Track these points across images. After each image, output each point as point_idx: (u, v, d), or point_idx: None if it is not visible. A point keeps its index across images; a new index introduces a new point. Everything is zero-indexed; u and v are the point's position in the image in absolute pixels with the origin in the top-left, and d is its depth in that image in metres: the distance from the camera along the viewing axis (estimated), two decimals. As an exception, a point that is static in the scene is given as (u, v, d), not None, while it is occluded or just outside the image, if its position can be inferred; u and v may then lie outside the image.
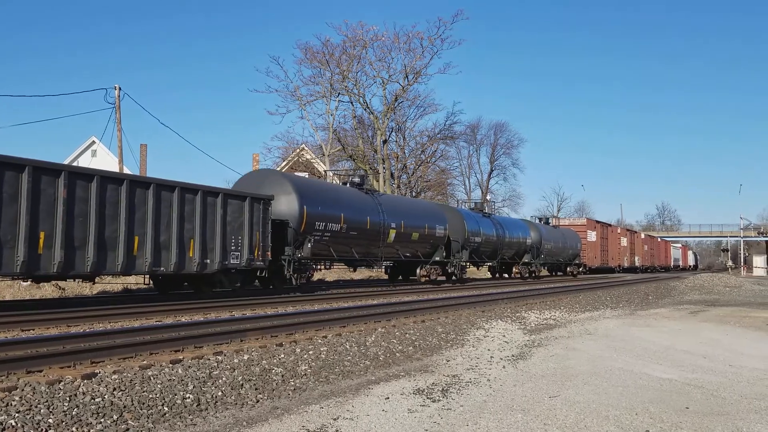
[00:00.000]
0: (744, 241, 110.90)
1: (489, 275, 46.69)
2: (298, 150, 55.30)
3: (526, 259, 40.71)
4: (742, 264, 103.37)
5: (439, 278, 32.56)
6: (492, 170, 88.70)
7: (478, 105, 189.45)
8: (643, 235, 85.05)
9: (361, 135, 54.75)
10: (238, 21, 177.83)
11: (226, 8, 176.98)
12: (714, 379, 9.21)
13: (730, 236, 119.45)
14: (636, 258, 75.91)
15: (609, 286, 34.59)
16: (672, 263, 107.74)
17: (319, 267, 26.64)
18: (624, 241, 70.38)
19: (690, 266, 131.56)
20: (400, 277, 32.59)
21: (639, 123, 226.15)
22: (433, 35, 50.74)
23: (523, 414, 6.96)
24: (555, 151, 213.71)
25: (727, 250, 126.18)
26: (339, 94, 50.99)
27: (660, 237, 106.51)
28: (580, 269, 53.38)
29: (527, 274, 41.49)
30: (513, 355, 10.91)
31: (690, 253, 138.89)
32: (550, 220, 50.49)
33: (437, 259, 31.54)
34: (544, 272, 54.70)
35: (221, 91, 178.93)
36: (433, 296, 22.62)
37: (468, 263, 35.73)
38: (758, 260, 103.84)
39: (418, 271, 31.00)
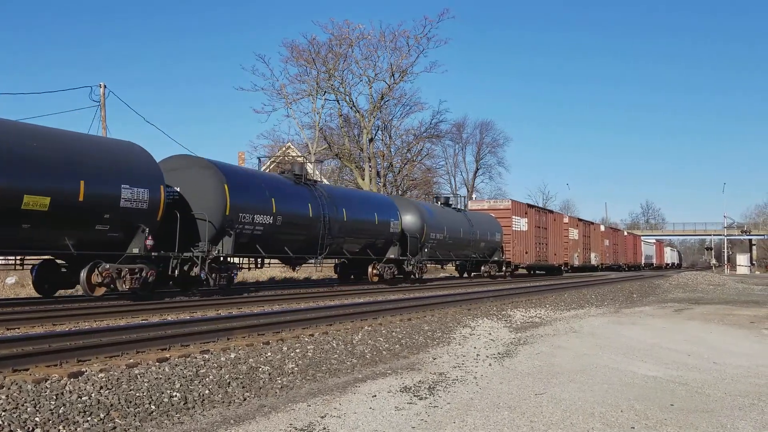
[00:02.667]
0: (727, 239, 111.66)
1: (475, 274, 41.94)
2: (284, 148, 55.17)
3: (391, 254, 29.06)
4: (725, 262, 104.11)
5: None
6: (478, 169, 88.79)
7: (463, 104, 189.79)
8: (603, 228, 71.45)
9: (348, 134, 54.73)
10: (223, 19, 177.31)
11: (211, 6, 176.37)
12: (698, 377, 9.29)
13: (714, 235, 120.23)
14: (592, 255, 62.68)
15: (594, 284, 34.75)
16: (643, 261, 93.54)
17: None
18: (574, 233, 56.39)
19: (667, 265, 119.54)
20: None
21: (624, 122, 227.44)
22: (419, 34, 50.75)
23: (510, 411, 7.00)
24: (540, 150, 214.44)
25: (711, 249, 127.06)
26: (325, 92, 50.95)
27: (625, 231, 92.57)
28: (504, 269, 41.07)
29: (390, 276, 29.18)
30: (499, 353, 10.96)
31: (669, 250, 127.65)
32: (452, 201, 38.16)
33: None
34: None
35: (207, 88, 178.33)
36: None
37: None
38: (741, 258, 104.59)
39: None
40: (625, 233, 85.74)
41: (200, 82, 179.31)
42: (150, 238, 17.07)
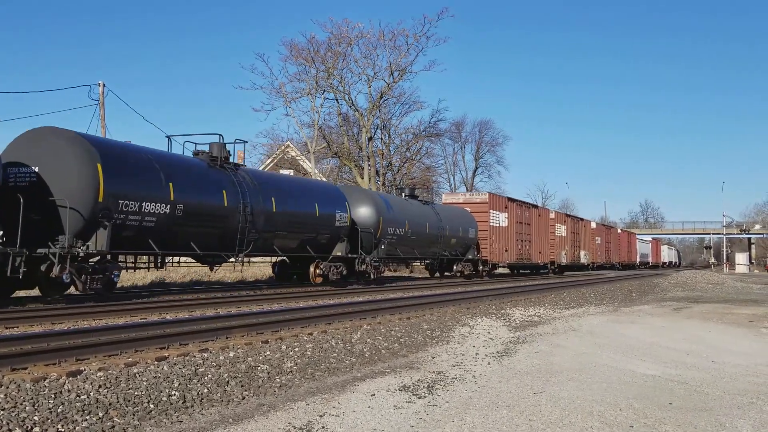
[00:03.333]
0: (726, 238, 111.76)
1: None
2: (283, 147, 55.13)
3: (338, 251, 25.41)
4: (724, 261, 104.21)
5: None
6: (477, 168, 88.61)
7: (463, 103, 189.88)
8: (593, 224, 66.63)
9: (347, 132, 54.65)
10: (223, 18, 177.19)
11: (211, 5, 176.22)
12: (697, 375, 9.29)
13: (713, 233, 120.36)
14: (582, 253, 58.53)
15: (593, 283, 34.76)
16: (638, 259, 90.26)
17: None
18: (561, 230, 52.25)
19: (664, 263, 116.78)
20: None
21: (624, 122, 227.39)
22: (418, 33, 50.60)
23: (508, 410, 7.00)
24: (539, 149, 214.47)
25: (710, 248, 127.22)
26: (324, 91, 50.85)
27: (619, 228, 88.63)
28: (480, 268, 37.38)
29: (336, 277, 25.31)
30: (498, 352, 10.96)
31: (666, 249, 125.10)
32: (417, 192, 35.58)
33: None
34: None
35: (206, 87, 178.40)
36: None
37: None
38: (740, 257, 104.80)
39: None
40: (619, 230, 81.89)
41: (199, 81, 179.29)
42: None
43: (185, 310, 15.18)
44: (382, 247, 27.47)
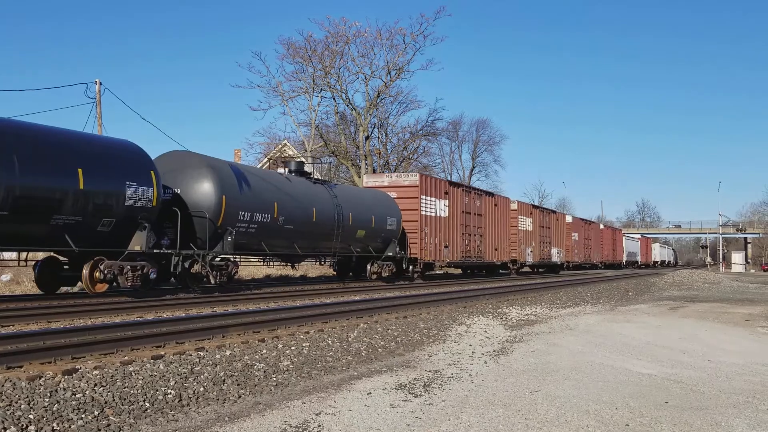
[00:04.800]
0: (723, 237, 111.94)
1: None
2: (280, 146, 55.08)
3: (135, 244, 17.51)
4: (720, 260, 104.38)
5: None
6: (474, 167, 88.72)
7: (460, 102, 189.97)
8: (569, 218, 59.34)
9: (344, 131, 54.61)
10: (220, 16, 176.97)
11: (208, 4, 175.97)
12: (693, 374, 9.30)
13: (709, 233, 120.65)
14: (554, 250, 51.46)
15: (590, 283, 34.76)
16: (625, 259, 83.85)
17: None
18: (526, 223, 44.92)
19: (656, 263, 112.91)
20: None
21: (621, 121, 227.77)
22: (415, 32, 50.55)
23: (505, 409, 7.00)
24: (536, 148, 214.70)
25: (706, 247, 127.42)
26: (321, 90, 50.81)
27: (601, 224, 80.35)
28: (410, 268, 30.52)
29: (135, 282, 17.24)
30: (494, 351, 10.96)
31: (658, 247, 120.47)
32: (308, 168, 28.58)
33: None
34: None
35: (203, 86, 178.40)
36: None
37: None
38: (737, 257, 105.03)
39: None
40: (601, 226, 75.46)
41: (196, 80, 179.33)
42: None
43: (182, 308, 15.17)
44: (229, 239, 19.99)
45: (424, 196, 30.97)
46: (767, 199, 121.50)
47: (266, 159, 54.43)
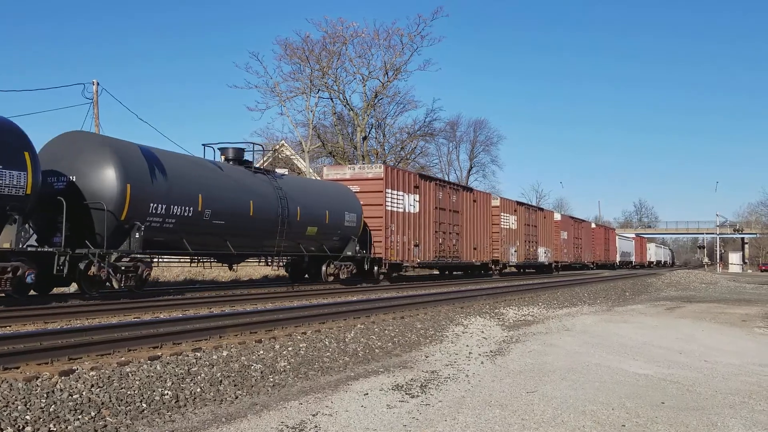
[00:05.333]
0: (720, 238, 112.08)
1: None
2: (277, 146, 55.10)
3: (4, 241, 14.73)
4: (718, 261, 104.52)
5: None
6: (471, 167, 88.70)
7: (457, 102, 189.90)
8: (558, 216, 56.37)
9: (341, 131, 54.64)
10: (217, 16, 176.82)
11: (205, 4, 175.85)
12: (689, 375, 9.32)
13: (707, 233, 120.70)
14: (541, 250, 48.95)
15: (587, 283, 34.79)
16: (618, 258, 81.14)
17: None
18: (509, 221, 42.32)
19: (651, 263, 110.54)
20: None
21: (618, 121, 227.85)
22: (412, 32, 50.58)
23: (501, 409, 7.02)
24: (534, 148, 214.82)
25: (704, 247, 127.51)
26: (319, 90, 50.83)
27: (593, 222, 76.24)
28: (375, 269, 27.96)
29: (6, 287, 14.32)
30: (491, 351, 10.97)
31: (654, 247, 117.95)
32: (249, 157, 23.55)
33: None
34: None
35: (200, 86, 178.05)
36: None
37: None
38: (734, 257, 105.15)
39: None
40: (593, 225, 71.99)
41: (194, 80, 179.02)
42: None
43: (179, 309, 15.17)
44: (137, 236, 17.06)
45: (390, 190, 28.12)
46: (764, 199, 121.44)
47: (263, 159, 54.41)
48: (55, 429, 5.80)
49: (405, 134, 60.47)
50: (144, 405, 6.67)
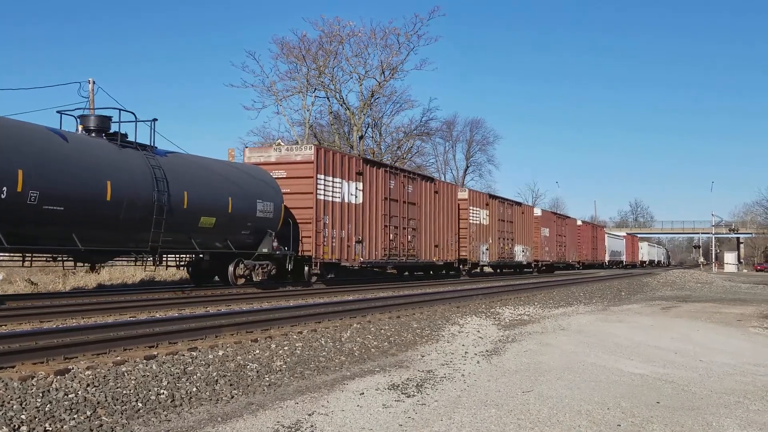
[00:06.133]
0: (715, 237, 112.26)
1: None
2: (274, 145, 55.06)
3: None
4: (713, 260, 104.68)
5: None
6: (468, 166, 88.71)
7: (454, 101, 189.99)
8: (538, 212, 52.11)
9: (338, 131, 54.62)
10: (214, 16, 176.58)
11: (201, 3, 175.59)
12: (685, 374, 9.34)
13: (702, 233, 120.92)
14: (519, 248, 45.09)
15: (583, 282, 34.82)
16: (607, 258, 77.18)
17: None
18: (479, 216, 38.21)
19: (643, 262, 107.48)
20: None
21: (614, 121, 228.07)
22: (409, 31, 50.54)
23: (497, 409, 7.02)
24: (530, 148, 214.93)
25: (699, 247, 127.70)
26: (315, 89, 50.79)
27: (579, 220, 68.66)
28: (307, 269, 23.96)
29: None
30: (487, 351, 10.98)
31: (646, 246, 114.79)
32: (116, 128, 18.11)
33: None
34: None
35: (197, 85, 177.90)
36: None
37: None
38: (729, 257, 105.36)
39: None
40: (579, 222, 66.60)
41: (190, 79, 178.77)
42: None
43: (175, 308, 15.15)
44: None
45: (322, 176, 24.00)
46: (760, 199, 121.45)
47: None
48: (50, 428, 5.80)
49: (401, 133, 60.48)
50: (140, 404, 6.66)
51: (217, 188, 19.92)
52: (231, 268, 20.70)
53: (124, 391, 6.92)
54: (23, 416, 5.92)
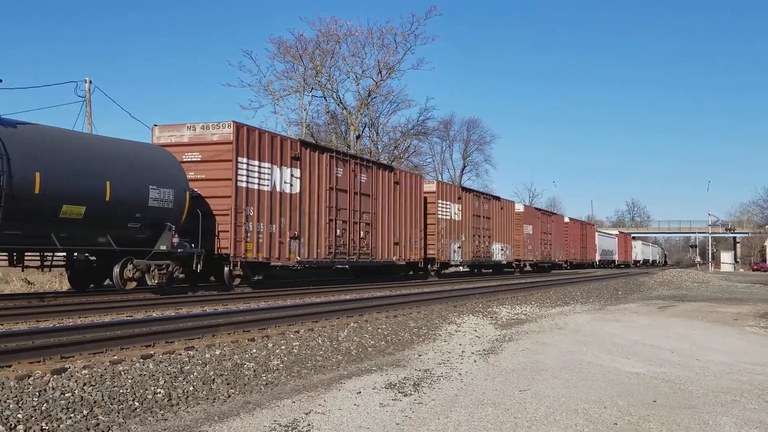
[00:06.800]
0: (712, 237, 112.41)
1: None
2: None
3: None
4: (710, 260, 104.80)
5: None
6: (465, 166, 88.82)
7: (451, 101, 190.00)
8: (520, 207, 48.11)
9: (335, 130, 54.62)
10: (210, 15, 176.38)
11: (198, 2, 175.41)
12: (681, 373, 9.35)
13: (699, 232, 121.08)
14: (497, 247, 41.52)
15: (579, 282, 34.84)
16: (598, 257, 73.89)
17: None
18: (451, 211, 35.03)
19: (637, 262, 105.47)
20: None
21: (611, 121, 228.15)
22: (406, 31, 50.61)
23: (494, 408, 7.03)
24: (528, 147, 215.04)
25: (696, 246, 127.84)
26: (312, 89, 50.85)
27: (566, 216, 66.51)
28: (227, 270, 20.43)
29: None
30: (484, 350, 10.98)
31: (641, 245, 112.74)
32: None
33: None
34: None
35: (194, 85, 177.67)
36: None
37: None
38: (726, 256, 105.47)
39: None
40: (566, 219, 63.68)
41: (187, 78, 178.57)
42: None
43: (172, 307, 15.14)
44: None
45: (245, 159, 20.44)
46: (756, 198, 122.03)
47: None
48: (47, 428, 5.79)
49: (398, 133, 60.51)
50: (136, 404, 6.66)
51: (89, 170, 16.03)
52: (116, 270, 16.94)
53: (121, 390, 6.91)
54: (20, 415, 5.91)
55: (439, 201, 33.97)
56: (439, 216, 33.86)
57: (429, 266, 33.55)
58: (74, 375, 7.21)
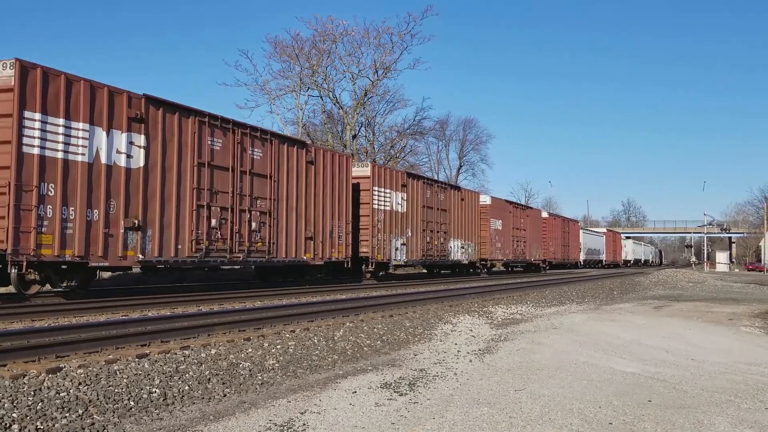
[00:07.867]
0: (707, 237, 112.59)
1: None
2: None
3: None
4: (705, 260, 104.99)
5: None
6: (461, 166, 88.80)
7: (447, 101, 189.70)
8: (487, 199, 41.79)
9: (331, 130, 54.61)
10: (207, 14, 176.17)
11: (197, 2, 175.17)
12: (676, 373, 9.37)
13: (694, 232, 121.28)
14: (456, 243, 36.17)
15: (575, 281, 34.87)
16: (582, 256, 69.29)
17: None
18: (393, 201, 29.62)
19: (628, 262, 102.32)
20: None
21: (608, 121, 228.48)
22: (402, 31, 50.60)
23: (489, 407, 7.03)
24: (525, 147, 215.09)
25: (691, 246, 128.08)
26: (308, 88, 50.83)
27: (545, 211, 62.06)
28: (15, 272, 14.06)
29: None
30: (480, 349, 10.99)
31: (632, 244, 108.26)
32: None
33: None
34: None
35: (190, 83, 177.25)
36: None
37: None
38: (721, 256, 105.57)
39: None
40: (545, 214, 57.71)
41: (183, 77, 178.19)
42: None
43: (167, 307, 15.13)
44: None
45: (36, 115, 14.52)
46: (752, 199, 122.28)
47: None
48: (42, 427, 5.78)
49: (395, 133, 60.49)
50: (132, 403, 6.65)
51: None
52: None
53: (116, 390, 6.90)
54: (14, 414, 5.90)
55: (376, 188, 28.38)
56: (376, 206, 28.38)
57: (363, 267, 28.31)
58: (69, 374, 7.20)
